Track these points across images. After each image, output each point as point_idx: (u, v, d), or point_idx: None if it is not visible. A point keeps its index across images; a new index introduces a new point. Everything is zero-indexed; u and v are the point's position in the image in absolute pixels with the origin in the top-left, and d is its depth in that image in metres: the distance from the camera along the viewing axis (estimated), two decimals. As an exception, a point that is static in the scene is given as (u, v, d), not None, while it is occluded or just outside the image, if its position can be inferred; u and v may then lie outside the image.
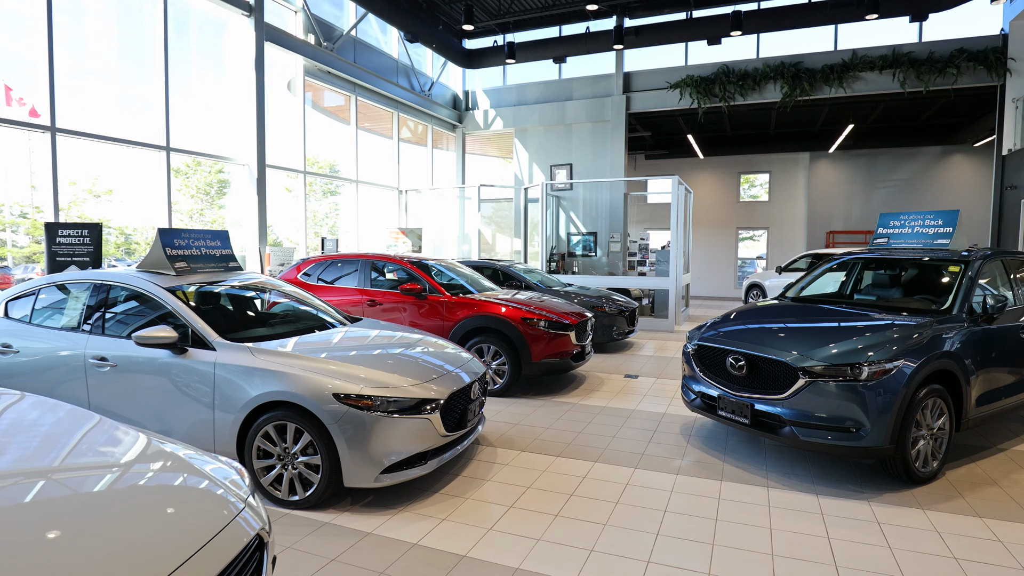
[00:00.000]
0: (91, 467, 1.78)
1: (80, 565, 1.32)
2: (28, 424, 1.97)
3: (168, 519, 1.60)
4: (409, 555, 3.01)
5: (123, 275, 4.17)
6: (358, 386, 3.44)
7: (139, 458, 1.88)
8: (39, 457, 1.79)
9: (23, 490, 1.56)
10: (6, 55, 7.35)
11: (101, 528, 1.47)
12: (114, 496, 1.65)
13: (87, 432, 1.97)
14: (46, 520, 1.44)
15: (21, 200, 17.29)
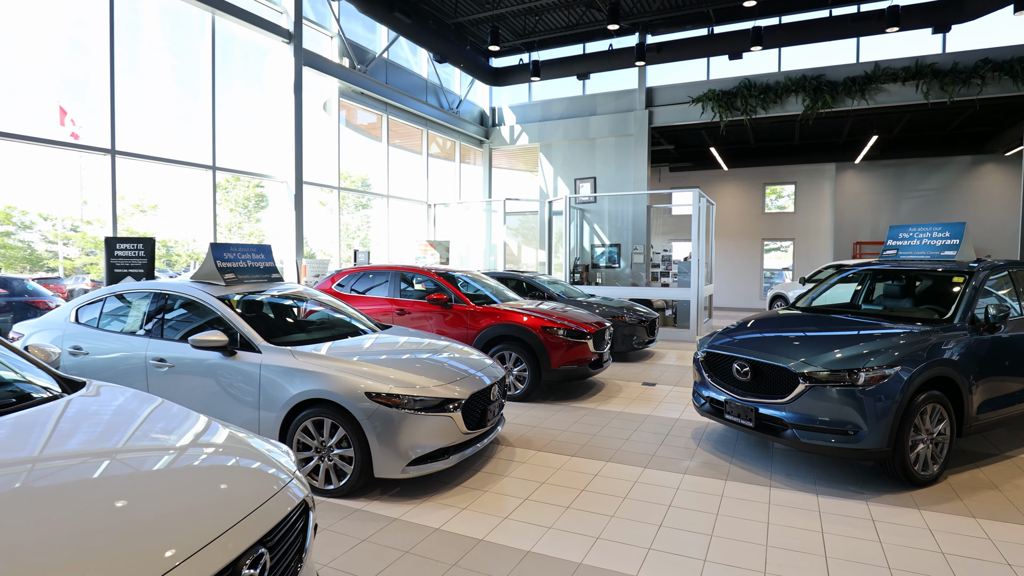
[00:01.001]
0: (181, 445, 2.16)
1: (167, 518, 1.68)
2: (129, 411, 2.37)
3: (233, 484, 1.96)
4: (432, 538, 3.34)
5: (179, 285, 4.64)
6: (388, 386, 3.80)
7: (211, 437, 2.25)
8: (141, 436, 2.18)
9: (123, 462, 1.96)
10: (61, 79, 8.01)
11: (185, 489, 1.85)
12: (193, 465, 2.03)
13: (172, 417, 2.36)
14: (140, 483, 1.82)
15: (72, 214, 18.38)
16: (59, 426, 2.11)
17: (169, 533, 1.60)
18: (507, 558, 3.12)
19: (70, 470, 1.83)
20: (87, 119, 7.93)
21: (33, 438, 1.99)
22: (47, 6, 7.71)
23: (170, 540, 1.57)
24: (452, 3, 12.04)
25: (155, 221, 13.46)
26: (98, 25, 7.78)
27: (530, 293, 9.38)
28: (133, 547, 1.51)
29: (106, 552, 1.47)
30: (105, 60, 7.79)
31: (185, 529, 1.63)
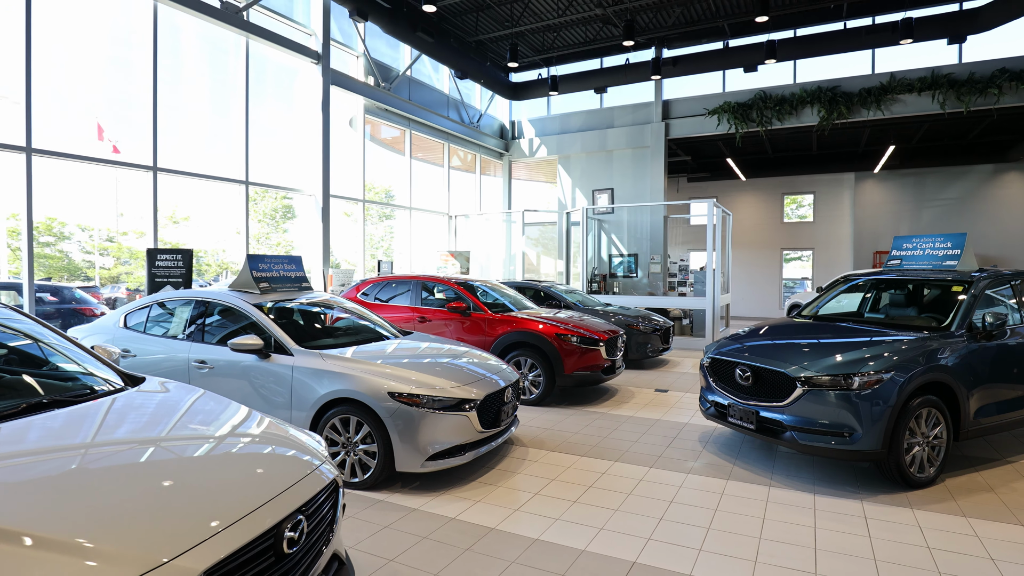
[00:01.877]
0: (231, 432, 2.50)
1: (225, 486, 2.01)
2: (184, 402, 2.72)
3: (275, 464, 2.29)
4: (447, 526, 3.63)
5: (219, 293, 5.04)
6: (409, 386, 4.12)
7: (256, 426, 2.58)
8: (196, 424, 2.52)
9: (184, 445, 2.30)
10: (100, 96, 8.54)
11: (238, 466, 2.18)
12: (242, 448, 2.36)
13: (221, 408, 2.71)
14: (200, 461, 2.16)
15: (108, 226, 19.23)
16: (127, 414, 2.46)
17: (228, 498, 1.93)
18: (516, 545, 3.39)
19: (142, 450, 2.18)
20: (125, 134, 8.45)
21: (108, 423, 2.35)
22: (90, 27, 8.28)
23: (228, 503, 1.90)
24: (473, 22, 12.47)
25: (187, 232, 14.09)
26: (140, 45, 8.32)
27: (547, 302, 9.65)
28: (198, 508, 1.84)
29: (178, 511, 1.80)
30: (145, 79, 8.32)
31: (239, 496, 1.96)
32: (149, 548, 1.63)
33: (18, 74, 6.91)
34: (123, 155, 8.26)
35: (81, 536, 1.58)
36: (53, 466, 1.95)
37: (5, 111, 7.82)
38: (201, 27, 9.13)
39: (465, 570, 3.10)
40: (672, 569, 3.12)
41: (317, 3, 10.60)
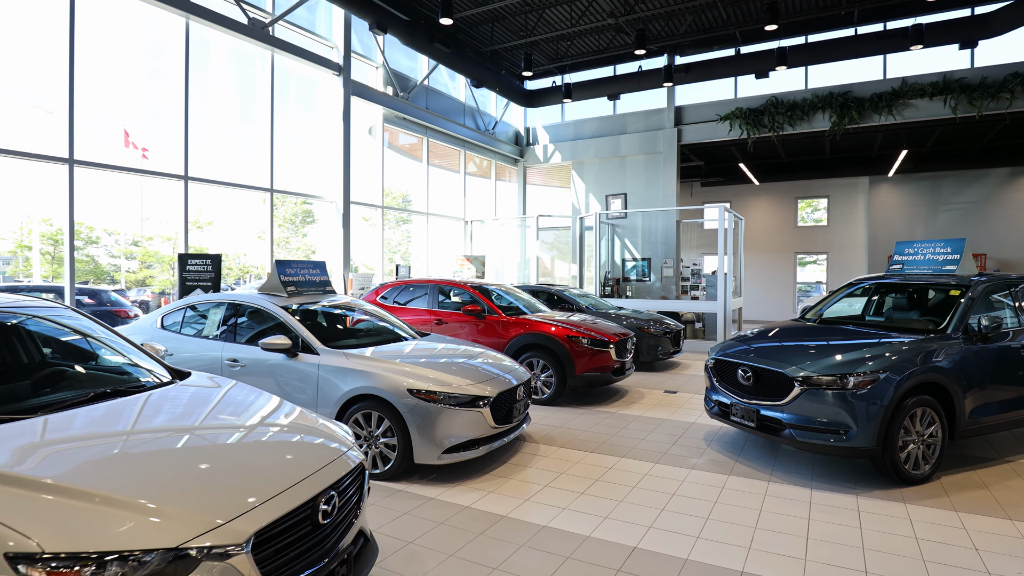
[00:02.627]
0: (271, 420, 2.80)
1: (261, 469, 2.31)
2: (227, 394, 3.04)
3: (310, 447, 2.58)
4: (462, 514, 3.90)
5: (249, 296, 5.38)
6: (427, 384, 4.41)
7: (291, 415, 2.88)
8: (240, 412, 2.83)
9: (231, 430, 2.61)
10: (127, 104, 8.94)
11: (279, 448, 2.48)
12: (282, 433, 2.66)
13: (260, 399, 3.02)
14: (247, 444, 2.46)
15: (133, 231, 19.78)
16: (180, 403, 2.78)
17: (272, 474, 2.24)
18: (526, 531, 3.65)
19: (197, 434, 2.49)
20: (151, 140, 8.82)
21: (165, 411, 2.66)
22: (121, 40, 8.72)
23: (272, 479, 2.20)
24: (488, 32, 12.80)
25: (210, 237, 14.58)
26: (170, 56, 8.73)
27: (560, 305, 9.88)
28: (247, 482, 2.14)
29: (231, 484, 2.11)
30: (173, 90, 8.73)
31: (281, 473, 2.26)
32: (208, 512, 1.93)
33: (54, 86, 7.35)
34: (152, 163, 8.67)
35: (153, 501, 1.89)
36: (126, 445, 2.26)
37: (38, 121, 8.28)
38: (229, 42, 9.56)
39: (478, 552, 3.37)
40: (670, 554, 3.36)
41: (339, 17, 11.00)
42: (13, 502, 1.75)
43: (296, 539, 2.15)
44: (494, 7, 11.44)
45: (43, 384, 2.81)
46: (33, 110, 8.48)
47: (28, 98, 8.50)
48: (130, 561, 1.71)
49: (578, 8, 11.66)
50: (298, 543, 2.15)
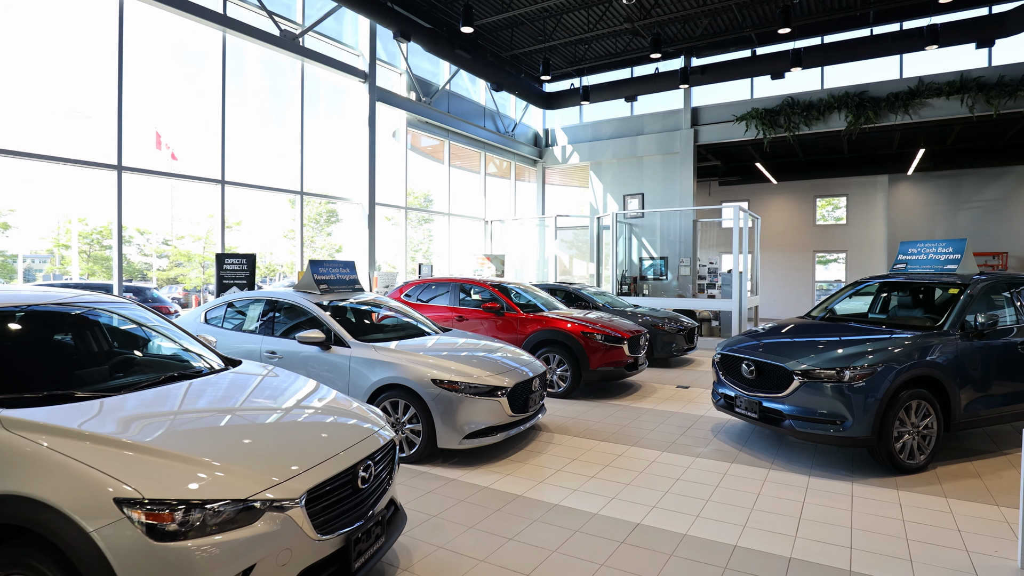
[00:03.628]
0: (314, 401, 3.19)
1: (310, 440, 2.69)
2: (276, 379, 3.44)
3: (348, 424, 2.96)
4: (481, 492, 4.27)
5: (286, 294, 5.82)
6: (449, 375, 4.78)
7: (331, 398, 3.28)
8: (288, 394, 3.23)
9: (282, 409, 3.00)
10: (159, 109, 9.43)
11: (325, 424, 2.87)
12: (325, 412, 3.05)
13: (304, 384, 3.42)
14: (297, 421, 2.86)
15: (163, 230, 20.48)
16: (236, 386, 3.19)
17: (319, 444, 2.63)
18: (539, 508, 4.00)
19: (253, 411, 2.90)
20: (183, 143, 9.30)
21: (223, 392, 3.07)
22: (156, 49, 9.21)
23: (319, 448, 2.59)
24: (508, 38, 13.15)
25: (239, 236, 15.16)
26: (203, 64, 9.23)
27: (577, 303, 10.19)
28: (299, 450, 2.54)
29: (285, 451, 2.51)
30: (204, 95, 9.24)
31: (326, 443, 2.65)
32: (269, 472, 2.32)
33: (93, 92, 7.87)
34: (182, 164, 9.16)
35: (224, 462, 2.29)
36: (197, 419, 2.68)
37: (77, 125, 8.81)
38: (261, 52, 10.06)
39: (495, 525, 3.73)
40: (670, 529, 3.68)
41: (364, 27, 11.46)
42: (117, 460, 2.16)
43: (340, 499, 2.53)
44: (513, 14, 11.78)
45: (119, 369, 3.25)
46: (72, 115, 9.03)
47: (68, 104, 9.04)
48: (209, 508, 2.11)
49: (595, 13, 11.94)
50: (342, 503, 2.54)
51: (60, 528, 2.00)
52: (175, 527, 2.04)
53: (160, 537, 2.01)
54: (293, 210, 10.91)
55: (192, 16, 8.58)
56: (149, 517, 2.03)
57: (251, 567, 2.14)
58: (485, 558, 3.29)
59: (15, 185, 6.77)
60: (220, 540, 2.09)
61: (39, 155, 7.34)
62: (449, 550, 3.38)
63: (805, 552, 3.37)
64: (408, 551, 3.36)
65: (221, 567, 2.08)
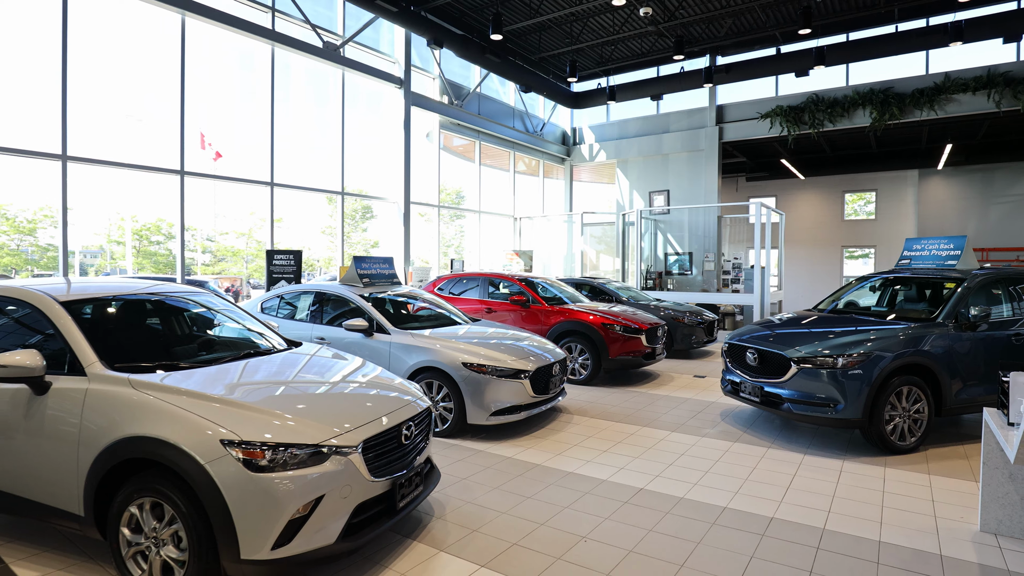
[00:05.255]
0: (363, 375, 3.81)
1: (363, 404, 3.30)
2: (331, 357, 4.08)
3: (393, 393, 3.57)
4: (505, 461, 4.85)
5: (333, 287, 6.50)
6: (478, 359, 5.37)
7: (377, 373, 3.90)
8: (342, 369, 3.86)
9: (336, 382, 3.64)
10: (204, 110, 10.11)
11: (373, 394, 3.48)
12: (373, 383, 3.67)
13: (354, 361, 4.05)
14: (348, 390, 3.48)
15: (207, 227, 21.60)
16: (300, 362, 3.83)
17: (370, 407, 3.24)
18: (556, 475, 4.56)
19: (317, 381, 3.53)
20: (227, 142, 9.97)
21: (290, 366, 3.71)
22: (205, 56, 9.99)
23: (371, 410, 3.20)
24: (536, 41, 13.64)
25: (279, 232, 16.09)
26: (246, 71, 9.99)
27: (601, 297, 10.67)
28: (355, 411, 3.15)
29: (345, 411, 3.13)
30: (248, 99, 10.00)
31: (376, 407, 3.26)
32: (333, 425, 2.93)
33: (146, 97, 8.64)
34: (232, 165, 9.91)
35: (299, 417, 2.91)
36: (274, 385, 3.32)
37: (129, 128, 9.59)
38: (305, 62, 10.81)
39: (516, 486, 4.30)
40: (669, 494, 4.20)
41: (400, 36, 12.12)
42: (219, 412, 2.80)
43: (388, 451, 3.14)
44: (542, 19, 12.27)
45: (204, 346, 3.94)
46: (126, 119, 9.88)
47: (123, 108, 9.83)
48: (290, 450, 2.73)
49: (621, 16, 12.34)
50: (389, 454, 3.15)
51: (181, 461, 2.65)
52: (265, 463, 2.67)
53: (254, 470, 2.65)
54: (330, 207, 11.65)
55: (245, 32, 9.36)
56: (245, 454, 2.66)
57: (321, 497, 2.76)
58: (506, 511, 3.87)
59: (72, 184, 7.48)
60: (298, 475, 2.71)
61: (113, 162, 8.20)
62: (476, 504, 3.98)
63: (786, 514, 3.85)
64: (441, 504, 3.97)
65: (299, 495, 2.70)
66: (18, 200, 11.82)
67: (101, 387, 2.95)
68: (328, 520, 2.78)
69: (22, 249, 13.99)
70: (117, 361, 3.12)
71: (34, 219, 13.12)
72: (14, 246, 13.66)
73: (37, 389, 3.03)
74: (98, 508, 2.89)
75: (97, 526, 2.91)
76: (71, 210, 7.66)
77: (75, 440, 2.90)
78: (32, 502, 3.06)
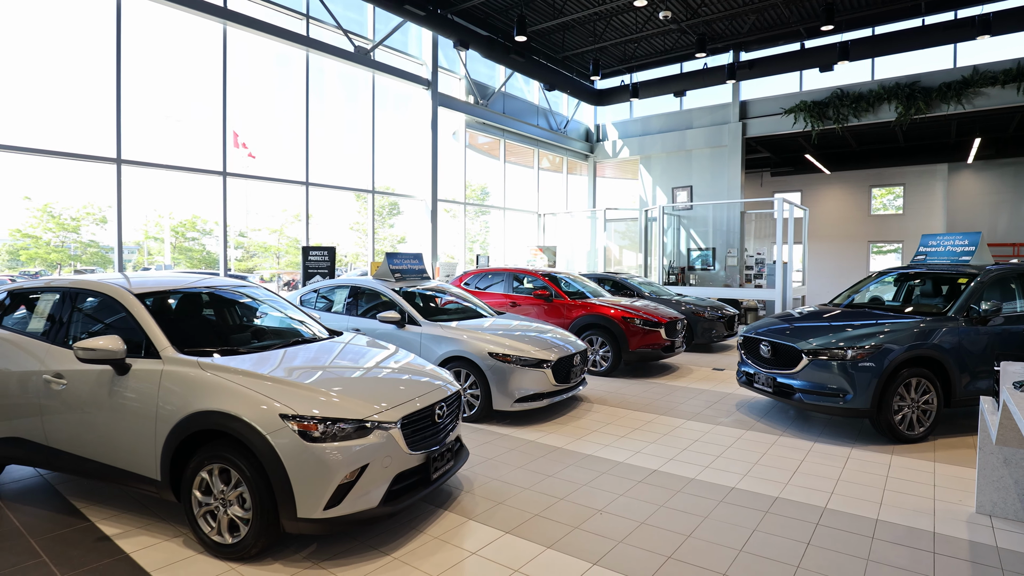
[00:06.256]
0: (398, 361, 4.19)
1: (400, 386, 3.68)
2: (369, 345, 4.48)
3: (426, 377, 3.94)
4: (528, 444, 5.20)
5: (367, 281, 6.92)
6: (503, 349, 5.72)
7: (410, 360, 4.27)
8: (377, 356, 4.25)
9: (373, 367, 4.03)
10: (237, 109, 10.53)
11: (406, 378, 3.86)
12: (407, 369, 4.05)
13: (390, 349, 4.44)
14: (383, 374, 3.87)
15: (239, 223, 22.29)
16: (343, 348, 4.23)
17: (406, 389, 3.62)
18: (575, 456, 4.89)
19: (358, 366, 3.93)
20: (260, 141, 10.40)
21: (334, 352, 4.11)
22: (243, 55, 10.47)
23: (407, 391, 3.58)
24: (559, 40, 13.89)
25: (304, 229, 16.64)
26: (281, 68, 10.44)
27: (623, 292, 10.92)
28: (393, 392, 3.53)
29: (385, 392, 3.50)
30: (281, 97, 10.47)
31: (412, 389, 3.63)
32: (376, 403, 3.31)
33: (184, 98, 9.14)
34: (265, 164, 10.39)
35: (346, 395, 3.30)
36: (322, 368, 3.72)
37: (168, 129, 10.07)
38: (336, 65, 11.26)
39: (538, 466, 4.65)
40: (682, 475, 4.49)
41: (427, 38, 12.51)
42: (277, 390, 3.19)
43: (423, 428, 3.51)
44: (565, 20, 12.51)
45: (257, 334, 4.36)
46: (164, 119, 10.43)
47: (162, 110, 10.31)
48: (339, 424, 3.11)
49: (643, 15, 12.51)
50: (424, 430, 3.52)
51: (246, 432, 3.05)
52: (318, 434, 3.06)
53: (309, 440, 3.03)
54: (358, 203, 12.12)
55: (283, 40, 9.84)
56: (300, 427, 3.05)
57: (366, 465, 3.14)
58: (529, 487, 4.22)
59: (111, 184, 8.00)
60: (346, 445, 3.09)
61: (163, 165, 8.77)
62: (501, 481, 4.33)
63: (791, 494, 4.12)
64: (470, 480, 4.34)
65: (347, 463, 3.08)
66: (62, 199, 12.48)
67: (174, 368, 3.38)
68: (371, 486, 3.16)
69: (66, 245, 14.74)
70: (185, 346, 3.55)
71: (78, 216, 13.84)
72: (58, 242, 14.40)
73: (119, 370, 3.47)
74: (173, 473, 3.32)
75: (172, 489, 3.34)
76: (110, 208, 8.19)
77: (153, 414, 3.33)
78: (116, 468, 3.51)
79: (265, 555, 3.18)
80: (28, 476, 4.44)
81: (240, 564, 3.11)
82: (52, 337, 3.89)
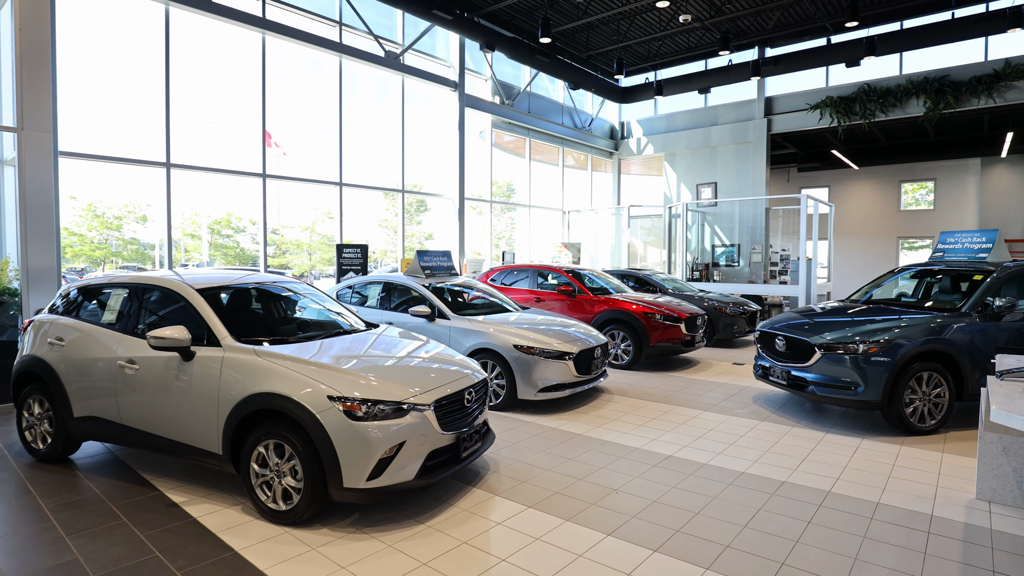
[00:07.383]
0: (430, 351, 4.56)
1: (432, 373, 4.04)
2: (404, 337, 4.86)
3: (455, 366, 4.30)
4: (550, 431, 5.52)
5: (399, 277, 7.32)
6: (528, 341, 6.05)
7: (441, 350, 4.63)
8: (411, 346, 4.63)
9: (406, 356, 4.40)
10: (270, 109, 10.90)
11: (437, 368, 4.23)
12: (438, 358, 4.41)
13: (423, 340, 4.81)
14: (415, 363, 4.23)
15: (271, 221, 22.82)
16: (380, 339, 4.61)
17: (438, 376, 3.98)
18: (595, 442, 5.20)
19: (394, 355, 4.31)
20: (293, 141, 10.79)
21: (372, 342, 4.50)
22: (276, 57, 10.98)
23: (439, 378, 3.94)
24: (584, 40, 14.10)
25: (337, 226, 17.16)
26: (313, 70, 10.87)
27: (646, 288, 11.13)
28: (426, 378, 3.89)
29: (419, 378, 3.87)
30: (313, 98, 10.92)
31: (444, 376, 3.99)
32: (411, 387, 3.68)
33: (218, 100, 9.62)
34: (297, 162, 10.83)
35: (385, 380, 3.67)
36: (362, 356, 4.11)
37: (203, 129, 10.55)
38: (367, 70, 11.70)
39: (560, 450, 4.97)
40: (695, 460, 4.77)
41: (454, 41, 12.86)
42: (324, 375, 3.58)
43: (454, 411, 3.87)
44: (589, 20, 12.73)
45: (301, 326, 4.78)
46: (203, 123, 10.95)
47: (201, 112, 10.78)
48: (379, 405, 3.49)
49: (667, 13, 12.65)
50: (455, 413, 3.88)
51: (299, 412, 3.45)
52: (361, 414, 3.44)
53: (353, 419, 3.41)
54: (386, 201, 12.55)
55: (319, 47, 10.32)
56: (346, 407, 3.43)
57: (403, 442, 3.51)
58: (550, 468, 4.55)
59: (151, 183, 8.51)
60: (385, 424, 3.46)
61: (209, 168, 9.31)
62: (524, 463, 4.67)
63: (797, 479, 4.36)
64: (496, 461, 4.69)
65: (386, 440, 3.45)
66: (105, 198, 13.11)
67: (233, 355, 3.80)
68: (408, 461, 3.53)
69: (108, 242, 15.55)
70: (241, 336, 3.97)
71: (120, 215, 14.61)
72: (101, 240, 15.21)
73: (185, 356, 3.90)
74: (233, 448, 3.74)
75: (232, 462, 3.76)
76: (149, 206, 8.66)
77: (215, 396, 3.76)
78: (183, 444, 3.95)
79: (314, 521, 3.58)
80: (100, 452, 4.95)
81: (293, 528, 3.51)
82: (123, 327, 4.36)
